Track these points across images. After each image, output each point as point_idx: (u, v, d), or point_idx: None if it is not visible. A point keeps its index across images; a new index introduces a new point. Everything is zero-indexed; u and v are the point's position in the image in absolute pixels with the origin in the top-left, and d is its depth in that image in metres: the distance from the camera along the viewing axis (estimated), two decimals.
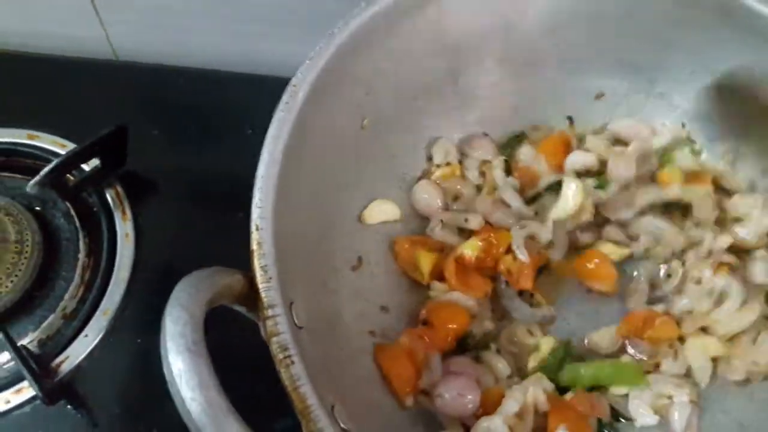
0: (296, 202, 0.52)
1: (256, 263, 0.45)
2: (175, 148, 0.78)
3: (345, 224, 0.62)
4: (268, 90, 0.53)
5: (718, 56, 0.65)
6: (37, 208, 0.72)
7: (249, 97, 0.74)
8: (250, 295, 0.45)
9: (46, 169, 0.67)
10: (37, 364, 0.62)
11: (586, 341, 0.63)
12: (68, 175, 0.72)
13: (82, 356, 0.64)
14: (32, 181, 0.67)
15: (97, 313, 0.66)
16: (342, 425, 0.44)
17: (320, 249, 0.57)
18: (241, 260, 0.46)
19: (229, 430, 0.35)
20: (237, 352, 0.50)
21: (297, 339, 0.44)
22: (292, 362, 0.42)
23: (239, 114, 0.78)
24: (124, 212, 0.72)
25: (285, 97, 0.52)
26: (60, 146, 0.75)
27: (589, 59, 0.69)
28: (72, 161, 0.70)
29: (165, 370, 0.36)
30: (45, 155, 0.74)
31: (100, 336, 0.65)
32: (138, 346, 0.66)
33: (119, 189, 0.73)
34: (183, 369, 0.36)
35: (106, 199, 0.73)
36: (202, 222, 0.73)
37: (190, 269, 0.66)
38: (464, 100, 0.70)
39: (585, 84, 0.71)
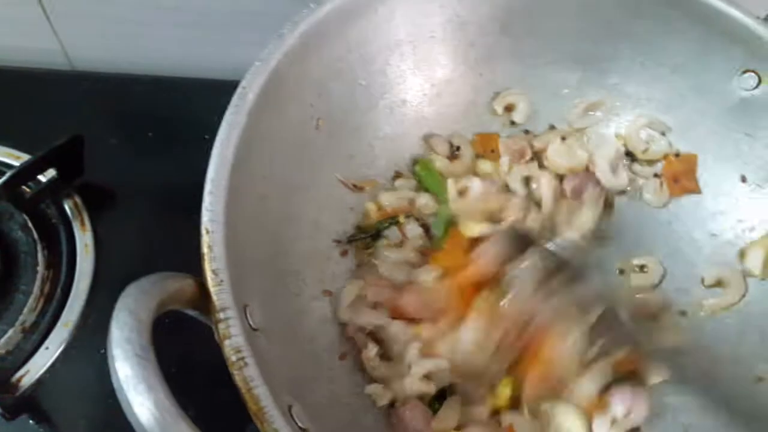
0: (249, 204, 0.52)
1: (207, 267, 0.45)
2: (133, 156, 0.78)
3: (302, 227, 0.61)
4: (224, 95, 0.53)
5: (666, 47, 0.66)
6: None
7: (205, 103, 0.72)
8: (203, 298, 0.44)
9: (1, 181, 0.66)
10: None
11: None
12: (24, 186, 0.71)
13: (43, 369, 0.64)
14: None
15: (58, 325, 0.66)
16: (300, 425, 0.44)
17: (278, 252, 0.57)
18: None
19: None
20: (199, 358, 0.50)
21: (251, 341, 0.43)
22: (246, 364, 0.42)
23: (196, 120, 0.77)
24: (82, 223, 0.71)
25: (234, 100, 0.52)
26: (15, 158, 0.74)
27: (543, 52, 0.70)
28: (27, 172, 0.69)
29: (112, 377, 0.36)
30: None
31: (61, 348, 0.65)
32: (100, 357, 0.65)
33: (77, 200, 0.73)
34: (130, 375, 0.35)
35: (65, 210, 0.72)
36: (162, 230, 0.72)
37: None
38: (420, 98, 0.70)
39: (541, 78, 0.71)
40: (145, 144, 0.78)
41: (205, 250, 0.45)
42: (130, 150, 0.78)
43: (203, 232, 0.46)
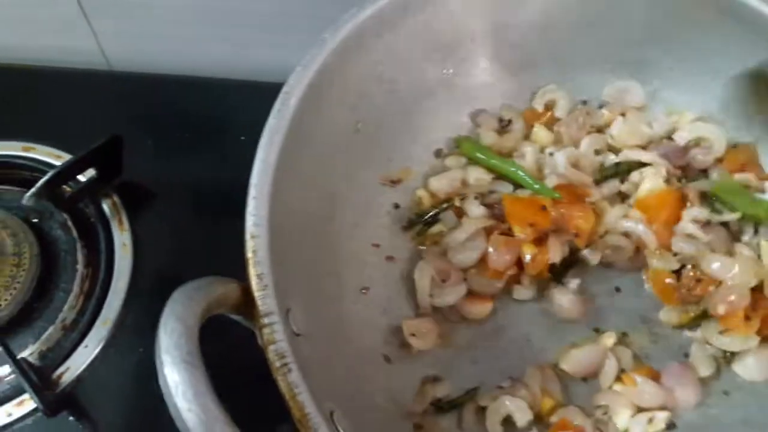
0: (291, 208, 0.52)
1: (252, 271, 0.45)
2: (170, 156, 0.78)
3: (342, 229, 0.61)
4: (262, 96, 0.53)
5: (712, 55, 0.65)
6: (34, 220, 0.72)
7: (243, 104, 0.73)
8: (247, 303, 0.45)
9: (42, 181, 0.67)
10: (37, 377, 0.62)
11: None
12: (64, 186, 0.72)
13: (83, 367, 0.64)
14: (28, 193, 0.67)
15: (97, 323, 0.66)
16: (342, 431, 0.44)
17: (319, 255, 0.57)
18: (240, 267, 0.46)
19: None
20: (238, 361, 0.51)
21: (294, 346, 0.44)
22: (290, 370, 0.42)
23: (234, 121, 0.78)
24: (120, 222, 0.72)
25: (277, 105, 0.53)
26: (56, 158, 0.75)
27: (582, 57, 0.69)
28: (68, 172, 0.70)
29: (161, 383, 0.36)
30: (41, 167, 0.74)
31: (101, 346, 0.65)
32: (139, 354, 0.65)
33: (116, 199, 0.73)
34: (179, 380, 0.36)
35: (103, 210, 0.73)
36: (199, 230, 0.73)
37: (188, 277, 0.66)
38: (459, 101, 0.70)
39: (579, 83, 0.71)
40: (182, 144, 0.79)
41: (249, 254, 0.46)
42: (167, 150, 0.78)
43: (247, 236, 0.46)
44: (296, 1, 0.78)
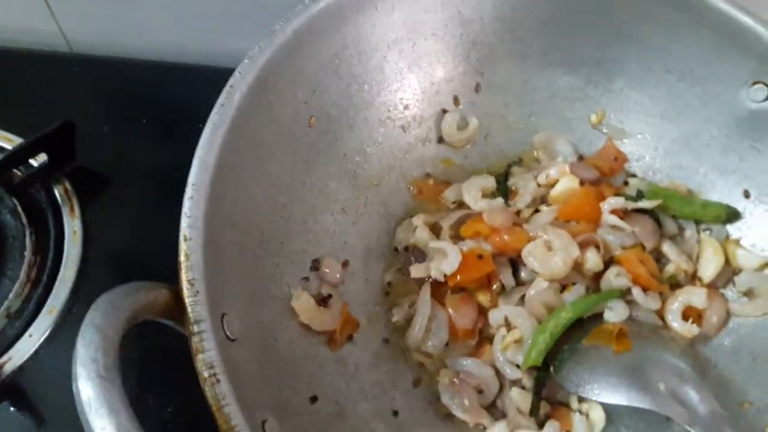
0: (235, 207, 0.51)
1: (183, 276, 0.44)
2: (126, 142, 0.77)
3: (294, 227, 0.60)
4: (223, 82, 0.52)
5: (674, 53, 0.64)
6: None
7: (203, 90, 0.70)
8: (178, 308, 0.43)
9: None
10: None
11: None
12: (15, 170, 0.70)
13: (27, 356, 0.63)
14: None
15: (43, 311, 0.65)
16: None
17: (265, 256, 0.56)
18: None
19: None
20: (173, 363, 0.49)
21: (227, 354, 0.43)
22: (218, 381, 0.41)
23: (192, 107, 0.75)
24: (72, 209, 0.71)
25: (220, 99, 0.51)
26: (7, 141, 0.73)
27: (546, 54, 0.68)
28: (18, 157, 0.69)
29: (75, 397, 0.35)
30: None
31: (45, 335, 0.64)
32: None
33: (67, 185, 0.72)
34: (92, 396, 0.35)
35: (54, 196, 0.71)
36: (152, 219, 0.71)
37: (138, 267, 0.65)
38: (419, 96, 0.68)
39: (543, 80, 0.69)
40: (139, 130, 0.77)
41: (182, 258, 0.44)
42: (123, 136, 0.77)
43: (181, 239, 0.45)
44: None
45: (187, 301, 0.43)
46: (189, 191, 0.47)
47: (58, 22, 0.83)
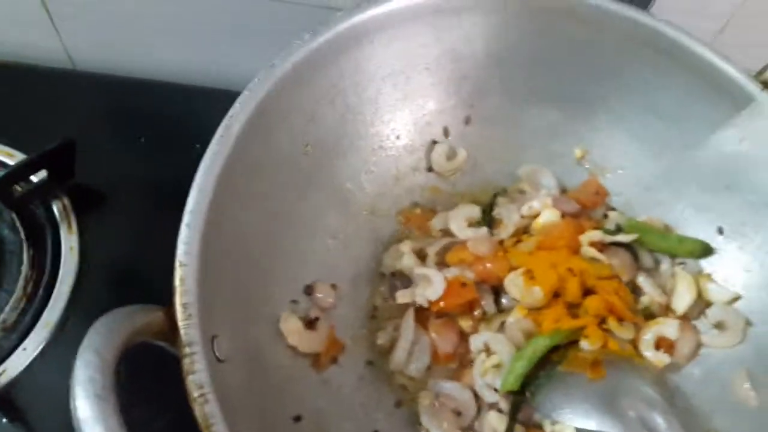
0: (230, 233, 0.53)
1: (178, 300, 0.46)
2: (124, 161, 0.78)
3: (286, 251, 0.62)
4: (222, 104, 0.54)
5: (653, 93, 0.67)
6: None
7: (202, 111, 0.73)
8: (172, 330, 0.45)
9: None
10: None
11: None
12: (15, 185, 0.72)
13: (20, 369, 0.64)
14: None
15: (38, 326, 0.67)
16: None
17: (256, 279, 0.57)
18: None
19: None
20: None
21: (216, 375, 0.45)
22: (206, 401, 0.43)
23: (191, 128, 0.78)
24: (69, 225, 0.72)
25: (220, 130, 0.53)
26: (9, 156, 0.75)
27: (533, 91, 0.71)
28: (19, 172, 0.71)
29: (72, 416, 0.37)
30: None
31: (39, 349, 0.66)
32: None
33: (66, 202, 0.73)
34: (89, 416, 0.37)
35: (53, 212, 0.73)
36: (148, 236, 0.72)
37: (133, 283, 0.66)
38: (411, 126, 0.71)
39: (528, 115, 0.72)
40: (137, 149, 0.79)
41: (177, 282, 0.46)
42: (122, 154, 0.79)
43: (177, 264, 0.47)
44: (260, 14, 0.78)
45: (180, 324, 0.45)
46: (186, 218, 0.49)
47: (62, 38, 0.85)
